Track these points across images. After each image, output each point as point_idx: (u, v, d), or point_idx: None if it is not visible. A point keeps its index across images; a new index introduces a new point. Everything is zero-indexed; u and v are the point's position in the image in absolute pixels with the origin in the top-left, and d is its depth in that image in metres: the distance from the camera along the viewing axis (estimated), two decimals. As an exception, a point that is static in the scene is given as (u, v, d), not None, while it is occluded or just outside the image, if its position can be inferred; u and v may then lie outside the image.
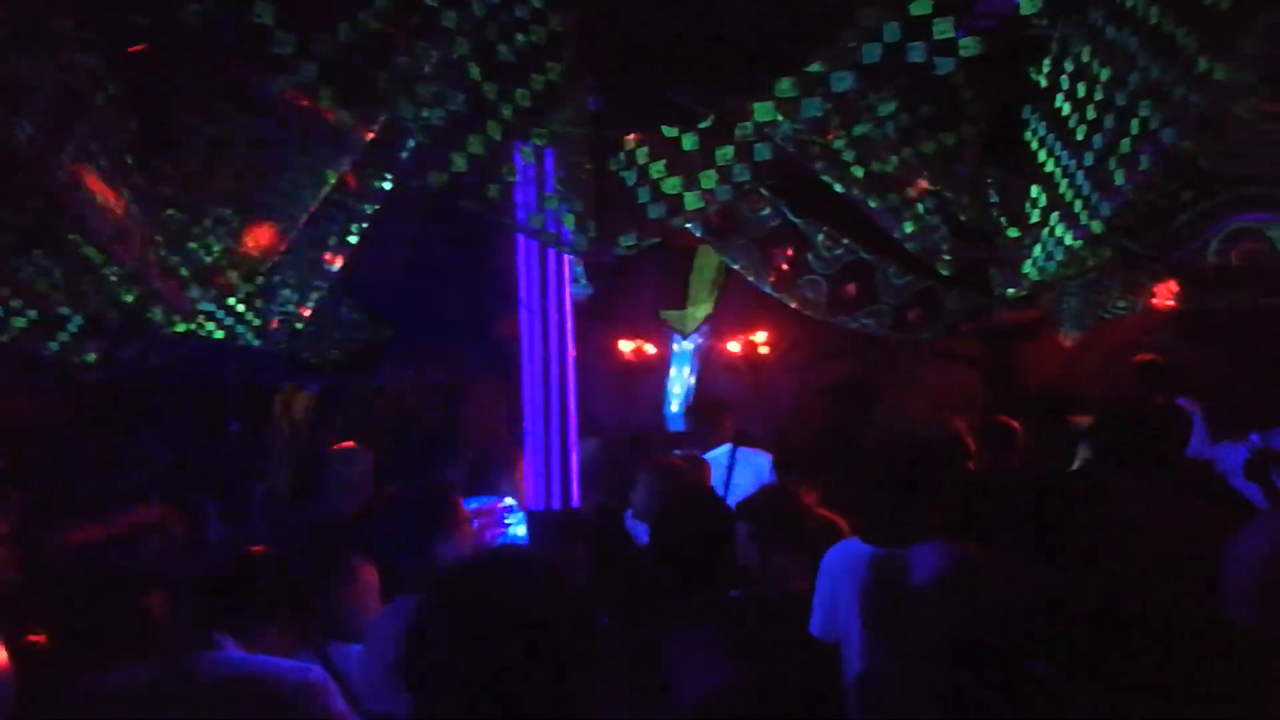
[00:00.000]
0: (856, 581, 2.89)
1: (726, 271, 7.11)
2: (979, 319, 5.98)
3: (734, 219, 5.67)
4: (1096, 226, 4.06)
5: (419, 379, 7.06)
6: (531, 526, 4.56)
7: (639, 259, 4.51)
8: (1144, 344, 6.03)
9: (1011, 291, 5.02)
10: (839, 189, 4.85)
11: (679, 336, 7.16)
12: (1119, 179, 3.84)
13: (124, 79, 3.81)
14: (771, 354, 7.87)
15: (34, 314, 5.12)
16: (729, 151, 3.89)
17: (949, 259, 5.10)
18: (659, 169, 4.04)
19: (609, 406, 7.77)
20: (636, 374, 8.28)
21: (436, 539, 2.97)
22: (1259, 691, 2.03)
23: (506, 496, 4.54)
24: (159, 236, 4.72)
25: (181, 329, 5.34)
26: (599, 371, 7.63)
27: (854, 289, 5.86)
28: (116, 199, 3.93)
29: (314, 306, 5.53)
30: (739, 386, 7.99)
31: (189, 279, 4.93)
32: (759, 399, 7.92)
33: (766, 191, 5.55)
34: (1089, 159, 3.94)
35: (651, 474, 4.35)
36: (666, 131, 4.03)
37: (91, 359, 5.35)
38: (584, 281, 7.14)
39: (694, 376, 6.98)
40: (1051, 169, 4.23)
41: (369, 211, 5.27)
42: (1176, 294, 6.22)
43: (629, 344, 7.30)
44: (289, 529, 5.37)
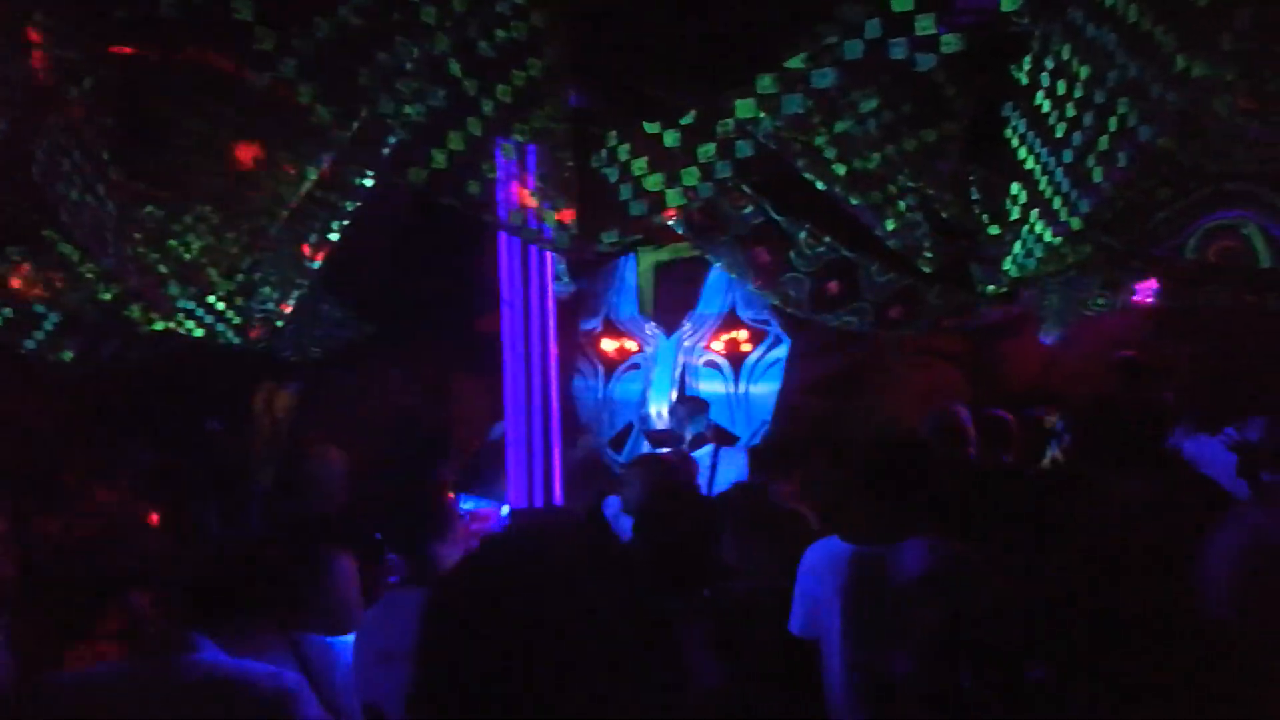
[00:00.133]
0: (837, 579, 2.89)
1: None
2: (961, 316, 6.01)
3: (716, 217, 5.67)
4: (1076, 223, 4.08)
5: (404, 376, 7.03)
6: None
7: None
8: (1123, 341, 6.07)
9: (992, 289, 5.04)
10: (821, 186, 4.86)
11: (663, 334, 7.16)
12: (1098, 176, 3.86)
13: (100, 73, 3.77)
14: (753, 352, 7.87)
15: (9, 312, 5.06)
16: (711, 148, 3.89)
17: (930, 256, 5.12)
18: (641, 166, 4.04)
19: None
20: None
21: (430, 537, 2.97)
22: (1235, 684, 2.05)
23: (506, 505, 4.53)
24: (137, 234, 4.68)
25: (160, 327, 5.29)
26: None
27: (836, 287, 5.87)
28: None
29: (295, 304, 5.50)
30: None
31: (168, 276, 4.89)
32: (740, 398, 7.92)
33: (749, 189, 5.55)
34: (1068, 156, 3.96)
35: (644, 470, 4.35)
36: (648, 128, 4.02)
37: (68, 357, 5.30)
38: (566, 279, 7.13)
39: (678, 376, 6.99)
40: (1031, 166, 4.25)
41: (350, 209, 5.24)
42: (1156, 291, 6.28)
43: (611, 342, 7.30)
44: (279, 527, 5.34)
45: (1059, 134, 4.05)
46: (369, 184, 5.11)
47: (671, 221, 5.27)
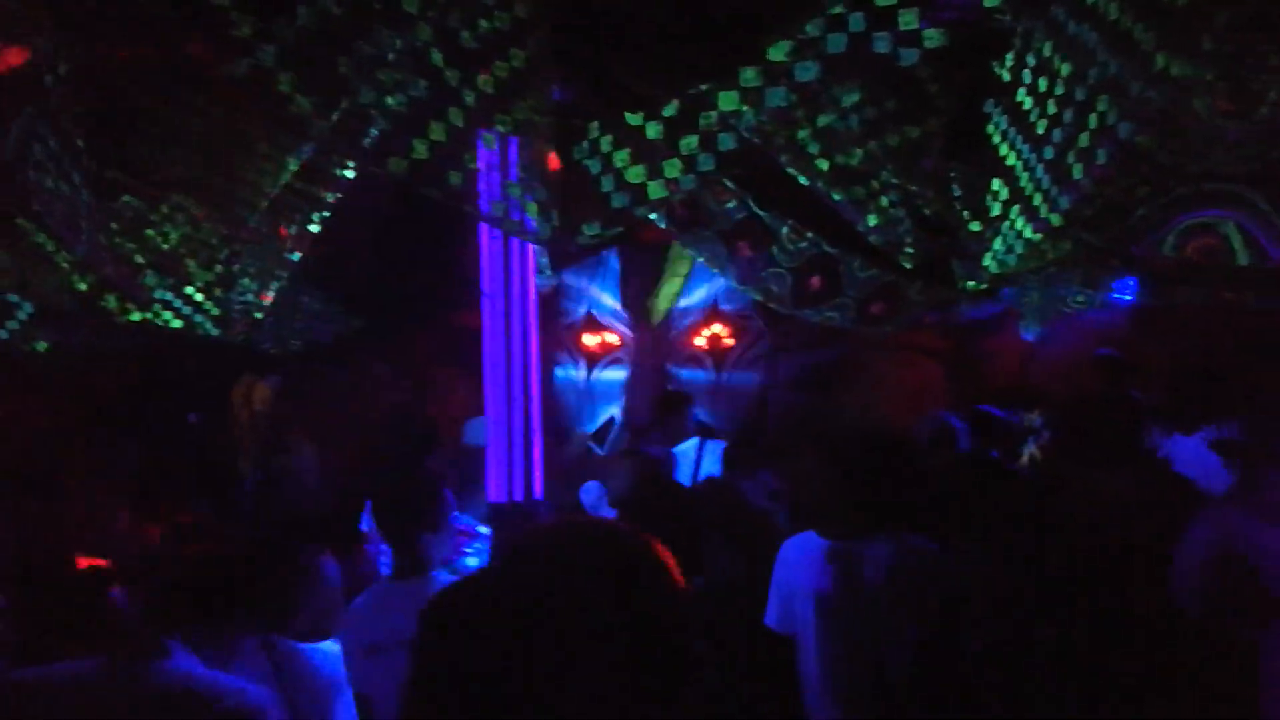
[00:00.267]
0: (813, 574, 2.89)
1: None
2: (942, 312, 6.03)
3: (699, 211, 5.66)
4: (1055, 220, 4.11)
5: (390, 369, 6.98)
6: (493, 518, 4.54)
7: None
8: (1103, 338, 6.10)
9: (973, 284, 5.06)
10: (804, 181, 4.86)
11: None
12: (1078, 173, 3.88)
13: (75, 59, 3.72)
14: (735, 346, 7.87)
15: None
16: (693, 140, 3.88)
17: (912, 252, 5.13)
18: (623, 158, 4.02)
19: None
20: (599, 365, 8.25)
21: (423, 530, 2.94)
22: (1205, 677, 2.07)
23: (481, 525, 4.49)
24: (114, 223, 4.63)
25: (137, 318, 5.23)
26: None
27: (819, 282, 5.88)
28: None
29: (275, 296, 5.45)
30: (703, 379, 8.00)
31: (145, 266, 4.84)
32: (722, 392, 7.93)
33: (732, 184, 5.55)
34: (1049, 153, 3.99)
35: (630, 464, 4.34)
36: (630, 119, 4.01)
37: (43, 347, 5.24)
38: (549, 272, 7.10)
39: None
40: (1013, 163, 4.27)
41: (331, 200, 5.21)
42: (1135, 289, 6.31)
43: (593, 337, 7.28)
44: (259, 525, 5.30)
45: (1040, 130, 4.07)
46: (350, 175, 5.07)
47: (654, 215, 5.26)
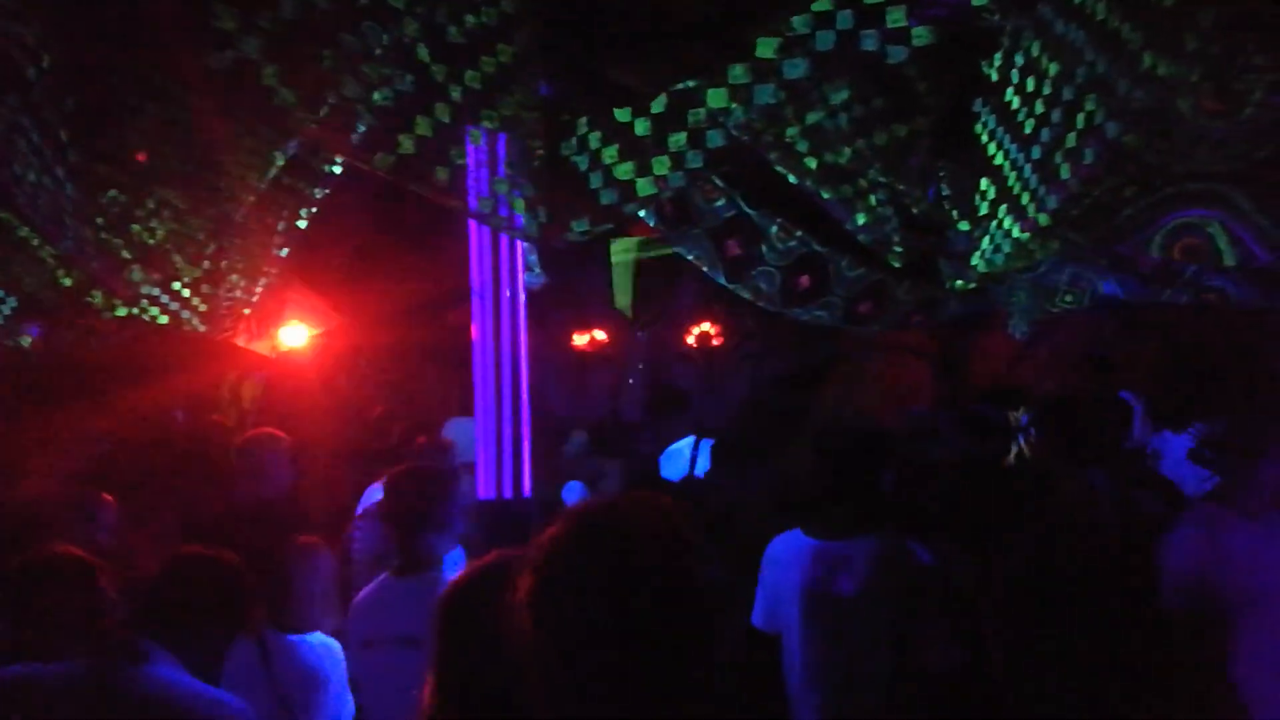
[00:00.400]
0: (798, 573, 2.89)
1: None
2: (930, 312, 6.04)
3: (688, 209, 5.65)
4: (1043, 219, 4.12)
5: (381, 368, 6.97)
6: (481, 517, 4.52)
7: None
8: (1090, 337, 6.12)
9: (960, 284, 5.07)
10: (793, 180, 4.86)
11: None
12: (1065, 173, 3.89)
13: (60, 52, 3.69)
14: (725, 345, 7.89)
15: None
16: (682, 137, 3.86)
17: (900, 251, 5.14)
18: (612, 154, 4.00)
19: (561, 396, 7.73)
20: (589, 364, 8.25)
21: (427, 528, 2.93)
22: (1187, 671, 2.07)
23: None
24: (99, 218, 4.58)
25: (123, 313, 5.19)
26: (552, 361, 7.59)
27: (807, 281, 5.87)
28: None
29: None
30: (693, 377, 8.00)
31: (131, 262, 4.80)
32: (712, 390, 7.94)
33: (721, 182, 5.54)
34: (1036, 152, 3.99)
35: (627, 464, 4.34)
36: (619, 115, 3.99)
37: (27, 342, 5.19)
38: (537, 270, 7.08)
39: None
40: (1000, 162, 4.27)
41: (318, 196, 5.18)
42: (1121, 288, 6.32)
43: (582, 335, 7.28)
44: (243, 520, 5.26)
45: (1028, 130, 4.08)
46: (337, 170, 5.04)
47: (643, 213, 5.25)
